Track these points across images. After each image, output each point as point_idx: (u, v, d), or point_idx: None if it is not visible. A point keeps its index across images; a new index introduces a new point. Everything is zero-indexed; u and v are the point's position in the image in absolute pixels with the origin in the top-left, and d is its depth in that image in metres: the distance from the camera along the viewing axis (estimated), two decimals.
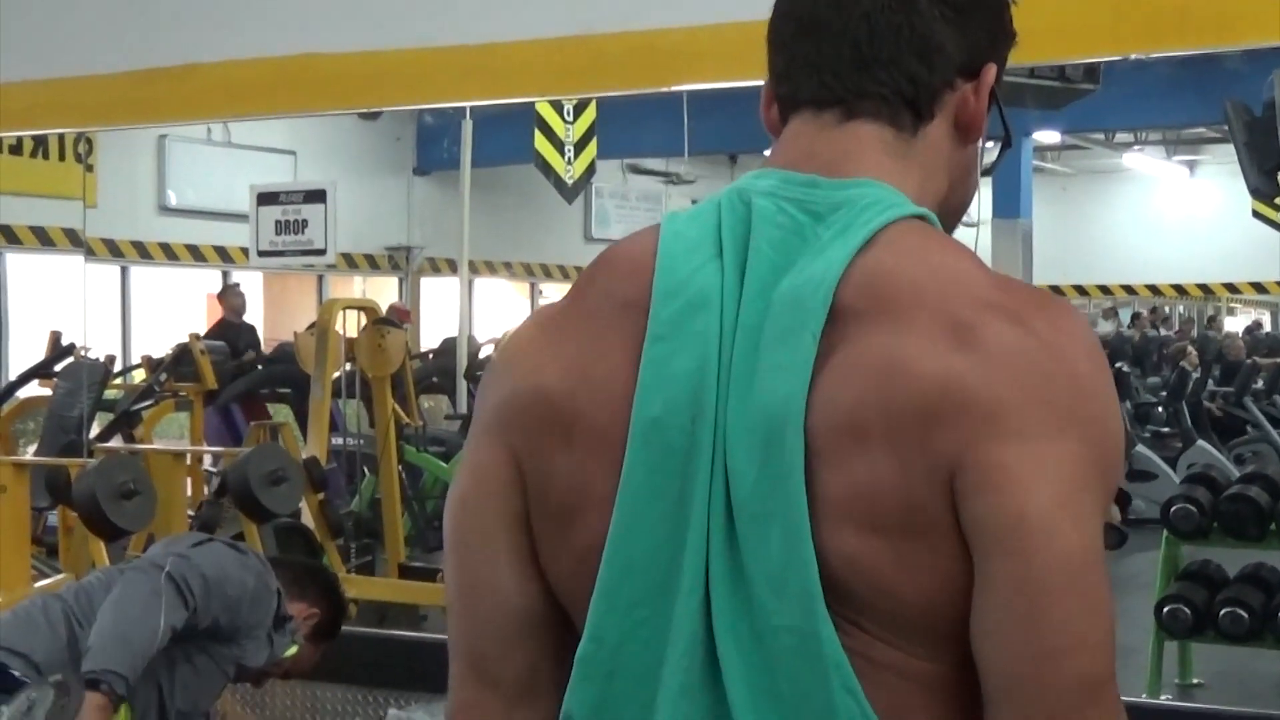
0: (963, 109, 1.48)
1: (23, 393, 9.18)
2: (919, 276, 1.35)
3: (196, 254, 15.79)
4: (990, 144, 1.57)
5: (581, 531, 1.41)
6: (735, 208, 1.43)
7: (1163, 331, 21.04)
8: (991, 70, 1.49)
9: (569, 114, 11.73)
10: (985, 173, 1.58)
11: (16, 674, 3.43)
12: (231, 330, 12.17)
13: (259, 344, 12.51)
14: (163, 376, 9.40)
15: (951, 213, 1.52)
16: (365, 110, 10.06)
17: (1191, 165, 24.41)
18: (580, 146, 11.93)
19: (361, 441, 8.92)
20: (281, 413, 10.61)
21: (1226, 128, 8.92)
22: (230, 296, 12.72)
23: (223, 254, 15.59)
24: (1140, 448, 11.44)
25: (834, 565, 1.32)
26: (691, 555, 1.37)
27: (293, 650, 3.83)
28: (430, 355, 12.61)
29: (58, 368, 8.76)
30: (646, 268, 1.42)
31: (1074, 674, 1.28)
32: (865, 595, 1.32)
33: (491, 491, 1.46)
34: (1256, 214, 13.79)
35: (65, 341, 9.10)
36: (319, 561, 4.28)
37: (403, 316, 14.05)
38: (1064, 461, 1.30)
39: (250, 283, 15.03)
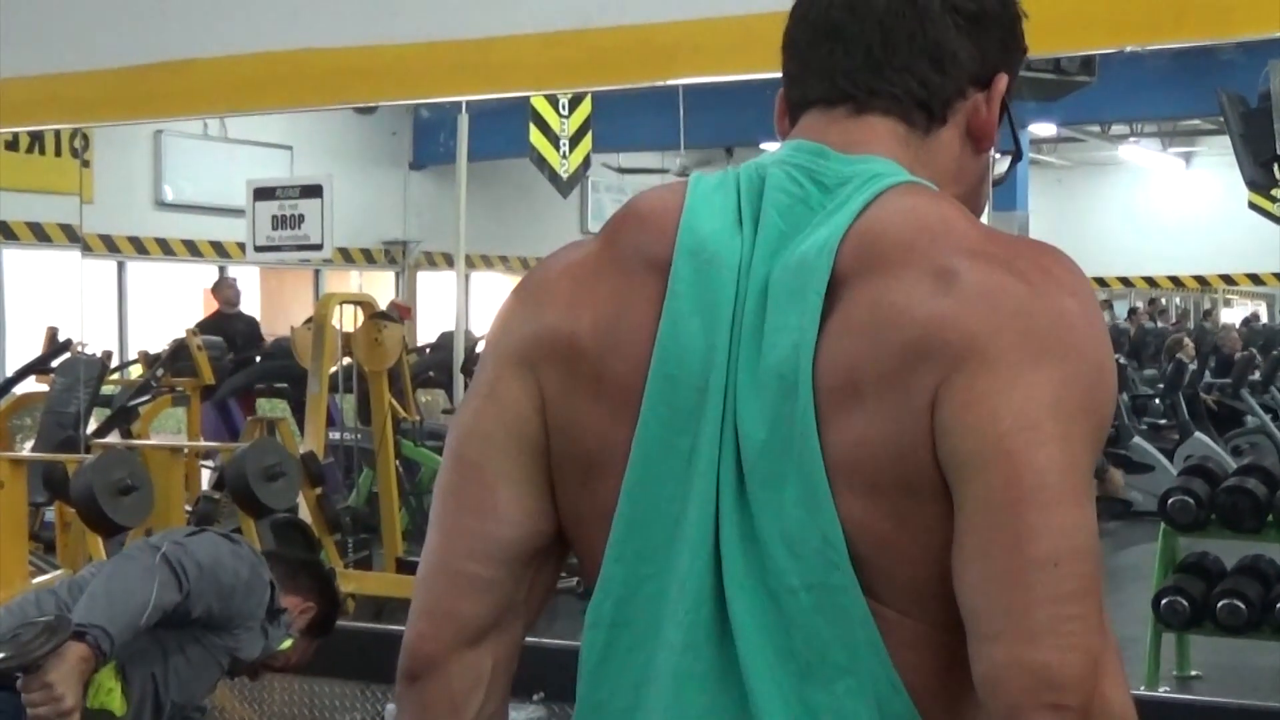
0: (974, 117, 1.50)
1: (19, 388, 9.17)
2: (909, 233, 1.37)
3: (193, 249, 15.77)
4: (999, 155, 1.58)
5: (604, 489, 1.43)
6: (752, 179, 1.45)
7: (1159, 324, 21.04)
8: (1003, 80, 1.51)
9: (564, 108, 11.72)
10: (995, 182, 1.59)
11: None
12: (227, 321, 12.16)
13: (259, 333, 12.50)
14: (160, 372, 9.39)
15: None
16: (361, 105, 10.05)
17: (1187, 157, 24.39)
18: (575, 140, 11.92)
19: (359, 436, 8.92)
20: (277, 408, 10.60)
21: (1222, 119, 8.93)
22: (224, 288, 12.71)
23: (219, 249, 15.57)
24: (1137, 440, 11.44)
25: (846, 528, 1.34)
26: (697, 513, 1.38)
27: (288, 644, 3.83)
28: (427, 349, 12.59)
29: (55, 363, 8.75)
30: (672, 225, 1.44)
31: (1045, 588, 1.27)
32: (873, 559, 1.34)
33: (513, 419, 1.47)
34: (1252, 205, 13.79)
35: (62, 337, 9.08)
36: (314, 556, 4.26)
37: (403, 313, 14.05)
38: (1037, 387, 1.30)
39: (247, 278, 15.01)
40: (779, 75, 1.56)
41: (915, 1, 1.47)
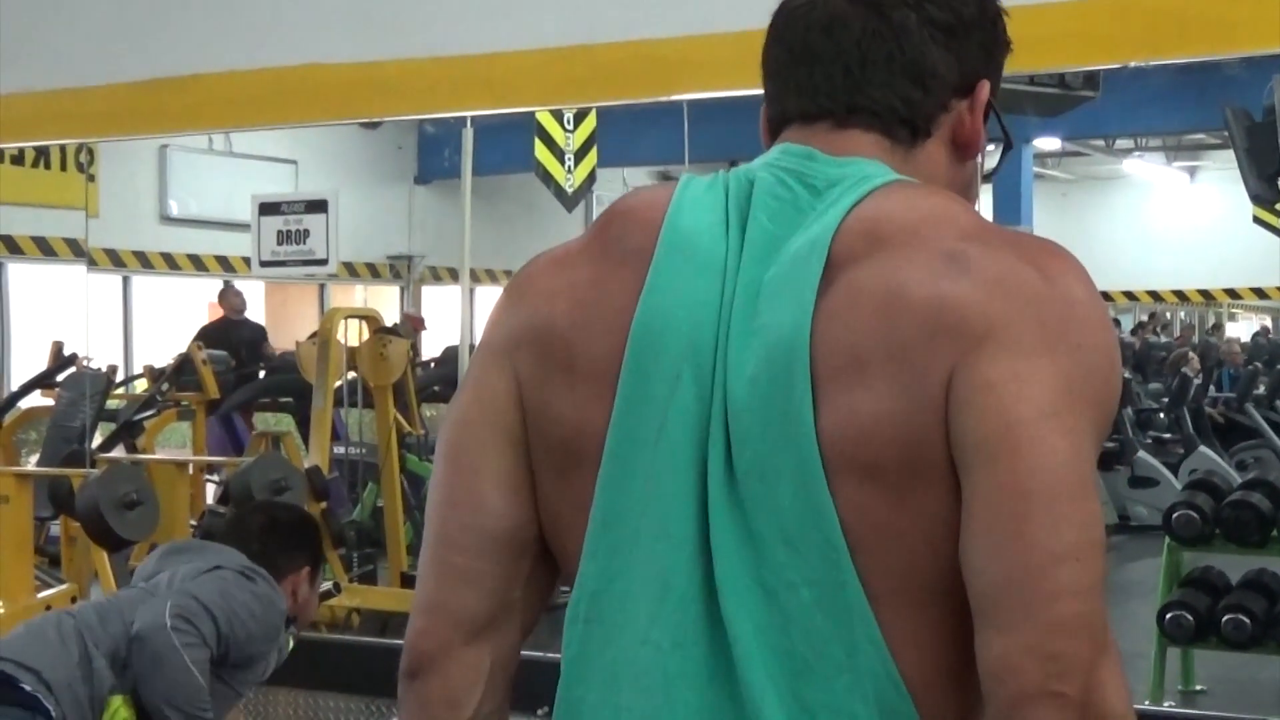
0: (959, 128, 1.49)
1: (25, 403, 9.18)
2: (912, 219, 1.37)
3: (198, 264, 15.79)
4: (991, 146, 1.57)
5: (579, 482, 1.42)
6: (740, 183, 1.45)
7: (1163, 338, 21.02)
8: (985, 87, 1.50)
9: (569, 123, 11.73)
10: (986, 177, 1.58)
11: (27, 688, 3.43)
12: (233, 328, 12.20)
13: (265, 339, 12.50)
14: (165, 386, 9.41)
15: None
16: (366, 120, 10.06)
17: (1192, 171, 24.38)
18: (580, 155, 11.93)
19: (364, 450, 8.92)
20: (282, 422, 10.61)
21: (1227, 134, 8.93)
22: (229, 296, 12.73)
23: (224, 263, 15.58)
24: (1142, 454, 11.43)
25: (843, 515, 1.32)
26: (678, 508, 1.37)
27: (291, 645, 3.88)
28: (432, 364, 12.60)
29: (60, 378, 8.78)
30: (658, 220, 1.44)
31: (1063, 581, 1.27)
32: (872, 547, 1.33)
33: (493, 411, 1.47)
34: (1257, 220, 13.77)
35: (67, 351, 9.10)
36: (290, 515, 4.20)
37: (416, 324, 14.05)
38: (1054, 376, 1.30)
39: (252, 292, 15.02)
40: None
41: (891, 20, 1.45)
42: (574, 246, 1.51)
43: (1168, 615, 6.46)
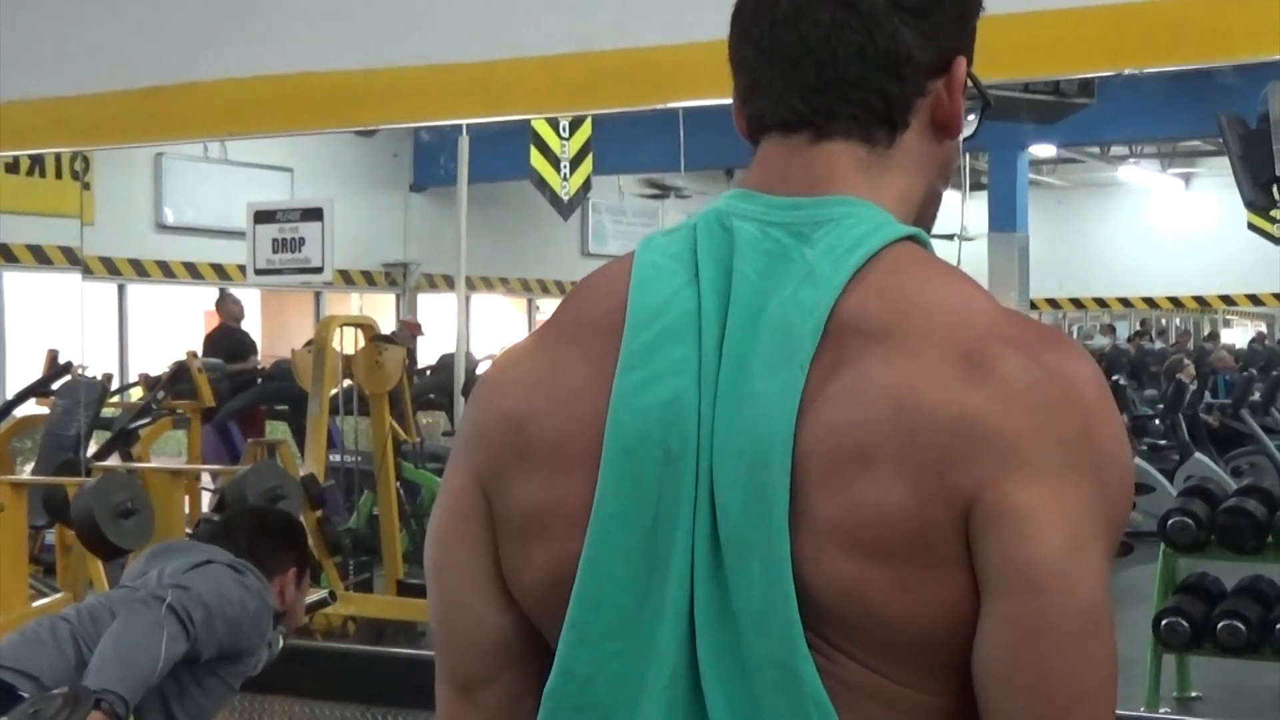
0: (938, 109, 1.44)
1: (20, 411, 9.17)
2: (924, 303, 1.32)
3: (194, 272, 15.79)
4: (970, 116, 1.51)
5: (547, 560, 1.39)
6: (714, 232, 1.39)
7: (1158, 345, 21.05)
8: (962, 64, 1.44)
9: (565, 130, 11.75)
10: (968, 139, 1.52)
11: (25, 695, 3.43)
12: (233, 335, 12.22)
13: (253, 346, 12.54)
14: (160, 394, 9.41)
15: (930, 201, 1.49)
16: (362, 128, 10.06)
17: (1187, 178, 24.43)
18: (576, 163, 11.95)
19: (359, 458, 8.92)
20: (279, 430, 10.61)
21: (1221, 141, 8.94)
22: (228, 304, 12.74)
23: (220, 271, 15.59)
24: (1137, 460, 11.44)
25: (823, 590, 1.29)
26: (674, 587, 1.34)
27: (281, 644, 3.90)
28: (428, 371, 12.61)
29: (55, 386, 8.76)
30: (620, 292, 1.39)
31: (1093, 713, 1.27)
32: (856, 621, 1.29)
33: (461, 517, 1.44)
34: (1251, 226, 13.83)
35: (62, 360, 9.10)
36: (278, 515, 4.31)
37: (413, 330, 14.06)
38: (1080, 504, 1.28)
39: (247, 300, 15.03)
40: None
41: (859, 8, 1.39)
42: (537, 334, 1.47)
43: (1163, 622, 6.46)
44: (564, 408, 1.38)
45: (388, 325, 13.27)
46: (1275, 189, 8.45)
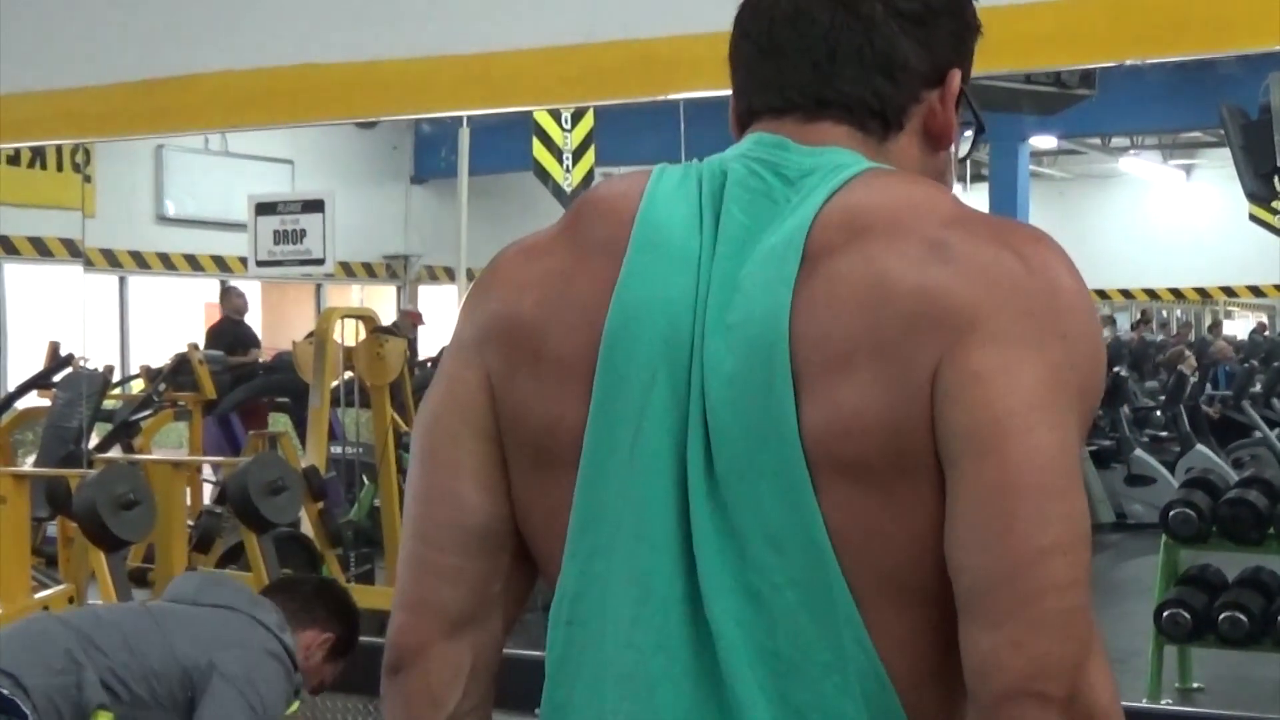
0: (931, 120, 1.47)
1: (21, 403, 9.17)
2: (891, 207, 1.35)
3: (194, 264, 15.79)
4: (966, 133, 1.55)
5: (551, 480, 1.42)
6: (714, 175, 1.43)
7: (1159, 336, 21.04)
8: (956, 77, 1.48)
9: (567, 122, 11.74)
10: (960, 159, 1.56)
11: (5, 692, 3.43)
12: (235, 330, 12.22)
13: (259, 346, 12.54)
14: (161, 386, 9.40)
15: None
16: (363, 120, 10.06)
17: (1188, 169, 24.40)
18: (578, 154, 11.94)
19: (360, 450, 8.92)
20: (280, 422, 10.61)
21: (1223, 132, 8.94)
22: (232, 297, 12.75)
23: (221, 264, 15.58)
24: (1138, 452, 11.43)
25: (827, 515, 1.31)
26: (658, 509, 1.36)
27: (294, 707, 3.84)
28: (429, 363, 12.61)
29: (56, 378, 8.76)
30: (629, 213, 1.42)
31: (1049, 577, 1.26)
32: (858, 547, 1.31)
33: (464, 406, 1.46)
34: (1253, 218, 13.78)
35: (64, 352, 9.09)
36: (329, 579, 4.29)
37: (414, 320, 14.06)
38: (1041, 367, 1.29)
39: (248, 292, 15.04)
40: None
41: (859, 11, 1.43)
42: (544, 237, 1.49)
43: (1165, 613, 6.46)
44: (571, 322, 1.41)
45: (388, 317, 13.26)
46: (1277, 180, 8.45)
